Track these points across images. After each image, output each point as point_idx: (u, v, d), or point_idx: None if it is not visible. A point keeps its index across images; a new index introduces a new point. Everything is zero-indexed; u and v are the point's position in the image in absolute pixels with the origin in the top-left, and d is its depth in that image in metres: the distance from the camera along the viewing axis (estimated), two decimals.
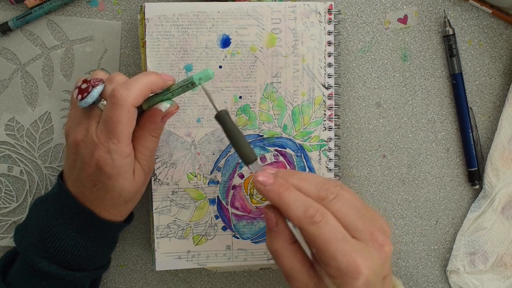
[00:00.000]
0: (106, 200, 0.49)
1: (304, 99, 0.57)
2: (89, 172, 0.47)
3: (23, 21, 0.56)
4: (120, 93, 0.45)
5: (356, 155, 0.61)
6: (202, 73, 0.45)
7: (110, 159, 0.46)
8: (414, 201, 0.62)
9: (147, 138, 0.49)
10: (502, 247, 0.62)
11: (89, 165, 0.47)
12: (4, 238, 0.59)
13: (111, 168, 0.46)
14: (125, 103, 0.45)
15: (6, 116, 0.58)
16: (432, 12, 0.61)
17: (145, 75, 0.47)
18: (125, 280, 0.61)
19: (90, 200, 0.49)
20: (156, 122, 0.48)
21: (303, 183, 0.46)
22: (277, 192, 0.45)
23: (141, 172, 0.50)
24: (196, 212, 0.57)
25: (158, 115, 0.48)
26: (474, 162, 0.61)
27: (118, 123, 0.45)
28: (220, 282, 0.62)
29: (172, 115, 0.49)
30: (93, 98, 0.47)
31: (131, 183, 0.49)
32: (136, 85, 0.46)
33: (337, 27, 0.59)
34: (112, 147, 0.46)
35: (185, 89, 0.47)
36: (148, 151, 0.49)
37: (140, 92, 0.46)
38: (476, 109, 0.62)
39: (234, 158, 0.57)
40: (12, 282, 0.51)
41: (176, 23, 0.55)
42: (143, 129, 0.49)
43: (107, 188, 0.48)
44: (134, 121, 0.47)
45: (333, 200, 0.44)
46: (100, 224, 0.50)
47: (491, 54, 0.62)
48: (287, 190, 0.45)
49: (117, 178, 0.47)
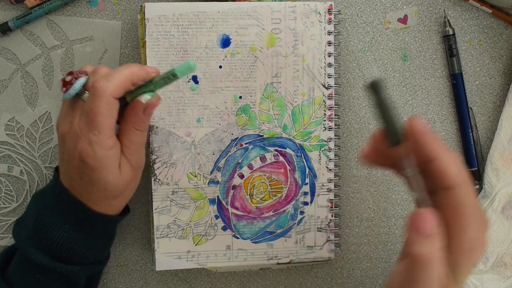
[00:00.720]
0: (94, 194, 0.49)
1: (304, 99, 0.57)
2: (75, 165, 0.48)
3: (23, 21, 0.56)
4: (99, 84, 0.45)
5: (356, 155, 0.61)
6: (184, 65, 0.45)
7: (91, 151, 0.46)
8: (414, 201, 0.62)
9: (131, 131, 0.49)
10: (502, 247, 0.62)
11: (73, 157, 0.47)
12: (4, 238, 0.59)
13: (93, 160, 0.46)
14: (104, 94, 0.45)
15: (6, 116, 0.58)
16: (432, 12, 0.61)
17: (127, 66, 0.47)
18: (125, 280, 0.61)
19: (80, 193, 0.49)
20: (137, 114, 0.48)
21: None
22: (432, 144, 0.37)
23: (128, 167, 0.49)
24: (196, 212, 0.57)
25: (139, 107, 0.48)
26: (474, 162, 0.61)
27: (98, 114, 0.45)
28: (220, 282, 0.62)
29: (154, 107, 0.48)
30: (76, 90, 0.47)
31: (116, 177, 0.48)
32: (116, 76, 0.46)
33: (337, 27, 0.59)
34: (93, 138, 0.46)
35: (168, 81, 0.47)
36: (133, 145, 0.49)
37: (120, 83, 0.46)
38: (476, 109, 0.62)
39: (234, 158, 0.57)
40: (11, 277, 0.52)
41: (176, 23, 0.55)
42: (127, 122, 0.49)
43: (92, 181, 0.48)
44: (115, 113, 0.47)
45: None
46: (91, 217, 0.50)
47: (491, 54, 0.62)
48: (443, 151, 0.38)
49: (100, 170, 0.47)
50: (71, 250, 0.50)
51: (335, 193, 0.59)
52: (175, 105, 0.56)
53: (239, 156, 0.57)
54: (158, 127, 0.56)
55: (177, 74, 0.46)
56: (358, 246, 0.62)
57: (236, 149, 0.57)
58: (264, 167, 0.58)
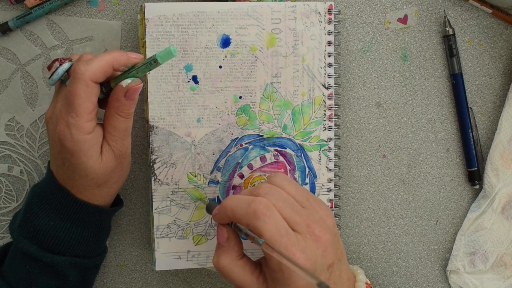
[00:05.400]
0: (76, 180, 0.49)
1: (304, 99, 0.57)
2: (57, 150, 0.48)
3: (23, 21, 0.56)
4: (79, 68, 0.46)
5: (356, 155, 0.61)
6: (164, 51, 0.46)
7: (69, 134, 0.46)
8: (414, 201, 0.62)
9: (114, 117, 0.49)
10: (502, 247, 0.62)
11: (54, 141, 0.48)
12: (4, 238, 0.59)
13: (71, 143, 0.47)
14: (82, 77, 0.46)
15: (6, 116, 0.58)
16: (432, 12, 0.61)
17: (109, 52, 0.48)
18: (125, 280, 0.61)
19: (64, 180, 0.50)
20: (119, 99, 0.48)
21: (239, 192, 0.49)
22: (222, 205, 0.48)
23: (110, 154, 0.49)
24: (196, 212, 0.57)
25: (120, 90, 0.48)
26: (474, 162, 0.61)
27: (76, 96, 0.46)
28: (220, 282, 0.62)
29: (135, 92, 0.48)
30: (59, 76, 0.48)
31: (96, 162, 0.48)
32: (96, 60, 0.47)
33: (337, 27, 0.59)
34: (71, 121, 0.46)
35: (149, 67, 0.47)
36: (116, 132, 0.49)
37: (100, 67, 0.46)
38: (476, 109, 0.62)
39: (234, 158, 0.57)
40: (5, 269, 0.52)
41: (176, 23, 0.55)
42: (109, 108, 0.49)
43: (73, 167, 0.48)
44: (94, 97, 0.47)
45: (266, 195, 0.47)
46: (76, 204, 0.50)
47: (491, 54, 0.62)
48: (228, 199, 0.48)
49: (79, 155, 0.47)
50: (58, 239, 0.50)
51: (335, 193, 0.59)
52: (175, 105, 0.56)
53: (239, 156, 0.57)
54: (158, 127, 0.56)
55: (158, 59, 0.46)
56: (358, 246, 0.62)
57: (236, 149, 0.57)
58: (264, 167, 0.58)
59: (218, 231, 0.49)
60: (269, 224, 0.44)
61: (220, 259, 0.48)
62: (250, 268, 0.48)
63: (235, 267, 0.47)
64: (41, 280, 0.51)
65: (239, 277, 0.47)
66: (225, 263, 0.47)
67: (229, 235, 0.48)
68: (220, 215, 0.48)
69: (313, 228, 0.46)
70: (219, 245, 0.48)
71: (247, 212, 0.45)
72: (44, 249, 0.50)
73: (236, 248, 0.48)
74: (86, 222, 0.51)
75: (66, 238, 0.50)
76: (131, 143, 0.51)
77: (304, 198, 0.49)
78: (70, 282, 0.52)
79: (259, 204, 0.45)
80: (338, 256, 0.48)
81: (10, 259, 0.52)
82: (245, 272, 0.47)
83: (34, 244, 0.50)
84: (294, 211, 0.47)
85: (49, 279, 0.51)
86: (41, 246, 0.50)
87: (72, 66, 0.49)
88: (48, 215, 0.50)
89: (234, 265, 0.47)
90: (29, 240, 0.50)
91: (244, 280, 0.47)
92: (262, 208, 0.45)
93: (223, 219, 0.48)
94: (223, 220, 0.48)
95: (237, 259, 0.48)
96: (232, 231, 0.48)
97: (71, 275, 0.52)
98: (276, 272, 0.45)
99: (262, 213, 0.45)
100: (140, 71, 0.48)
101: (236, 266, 0.47)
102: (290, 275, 0.44)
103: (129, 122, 0.50)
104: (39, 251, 0.50)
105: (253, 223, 0.45)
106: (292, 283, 0.45)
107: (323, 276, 0.46)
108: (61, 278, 0.51)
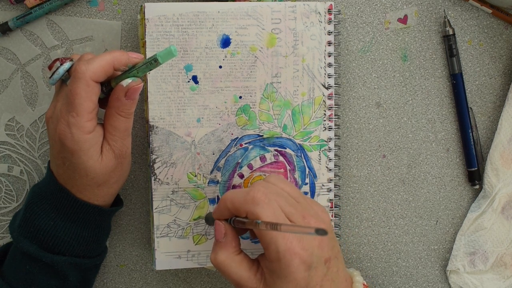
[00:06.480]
0: (77, 180, 0.49)
1: (304, 99, 0.57)
2: (57, 149, 0.48)
3: (23, 21, 0.56)
4: (80, 67, 0.46)
5: (356, 155, 0.62)
6: (165, 51, 0.46)
7: (69, 133, 0.47)
8: (414, 201, 0.62)
9: (115, 116, 0.49)
10: (502, 247, 0.62)
11: (54, 140, 0.48)
12: (4, 238, 0.59)
13: (71, 142, 0.47)
14: (83, 76, 0.46)
15: (6, 116, 0.58)
16: (432, 12, 0.61)
17: (109, 52, 0.48)
18: (125, 280, 0.61)
19: (65, 180, 0.50)
20: (119, 98, 0.48)
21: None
22: (221, 199, 0.49)
23: (110, 154, 0.50)
24: (196, 212, 0.57)
25: (120, 90, 0.48)
26: (474, 162, 0.61)
27: (76, 95, 0.46)
28: (220, 282, 0.62)
29: (135, 92, 0.48)
30: (59, 75, 0.48)
31: (96, 162, 0.49)
32: (97, 60, 0.47)
33: (337, 27, 0.59)
34: (71, 120, 0.46)
35: (150, 66, 0.47)
36: (117, 132, 0.49)
37: (101, 67, 0.47)
38: (476, 109, 0.62)
39: (234, 158, 0.57)
40: (5, 269, 0.52)
41: (176, 23, 0.55)
42: (110, 107, 0.49)
43: (73, 166, 0.48)
44: (95, 96, 0.47)
45: (262, 188, 0.47)
46: (76, 204, 0.50)
47: (491, 54, 0.62)
48: (226, 193, 0.49)
49: (79, 154, 0.47)
50: (58, 239, 0.50)
51: (335, 193, 0.59)
52: (175, 105, 0.56)
53: (239, 156, 0.57)
54: (158, 127, 0.56)
55: (158, 59, 0.46)
56: (358, 246, 0.62)
57: (236, 149, 0.57)
58: (264, 167, 0.58)
59: (216, 228, 0.49)
60: (268, 210, 0.45)
61: (217, 254, 0.48)
62: (247, 264, 0.48)
63: (232, 262, 0.47)
64: (41, 280, 0.51)
65: (236, 272, 0.47)
66: (222, 258, 0.48)
67: (226, 231, 0.48)
68: (219, 208, 0.49)
69: (308, 220, 0.47)
70: (217, 241, 0.49)
71: (245, 199, 0.46)
72: (44, 249, 0.50)
73: (234, 244, 0.48)
74: (86, 222, 0.51)
75: (66, 238, 0.50)
76: (131, 143, 0.51)
77: (299, 195, 0.50)
78: (70, 282, 0.52)
79: (257, 191, 0.46)
80: (334, 253, 0.48)
81: (10, 259, 0.52)
82: (242, 267, 0.47)
83: (34, 244, 0.50)
84: (289, 203, 0.47)
85: (49, 279, 0.51)
86: (41, 246, 0.50)
87: (73, 65, 0.49)
88: (48, 215, 0.50)
89: (231, 260, 0.47)
90: (29, 240, 0.50)
91: (241, 276, 0.47)
92: (260, 195, 0.46)
93: (223, 212, 0.48)
94: (223, 214, 0.49)
95: (234, 255, 0.48)
96: (229, 227, 0.49)
97: (71, 275, 0.51)
98: (273, 263, 0.45)
99: (260, 199, 0.45)
100: (140, 71, 0.48)
101: (233, 262, 0.47)
102: (288, 265, 0.44)
103: (129, 122, 0.50)
104: (39, 251, 0.50)
105: (252, 209, 0.45)
106: (290, 274, 0.45)
107: (320, 270, 0.46)
108: (61, 278, 0.51)
